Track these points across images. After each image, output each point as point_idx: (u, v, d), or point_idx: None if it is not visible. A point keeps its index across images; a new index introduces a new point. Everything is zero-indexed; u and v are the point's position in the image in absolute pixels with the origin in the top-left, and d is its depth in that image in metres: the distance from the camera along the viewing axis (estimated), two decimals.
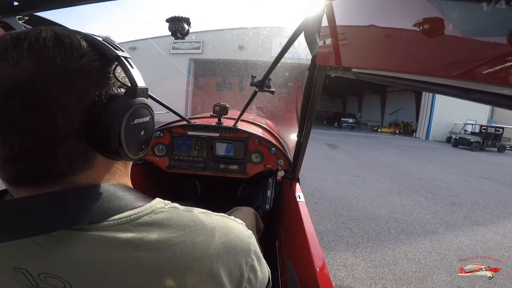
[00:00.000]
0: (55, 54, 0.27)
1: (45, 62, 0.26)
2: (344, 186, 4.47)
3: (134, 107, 0.32)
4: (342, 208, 3.48)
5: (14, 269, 0.28)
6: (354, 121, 17.99)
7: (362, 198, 3.96)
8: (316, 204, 3.57)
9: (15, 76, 0.25)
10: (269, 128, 1.77)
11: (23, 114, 0.25)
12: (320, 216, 3.18)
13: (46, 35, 0.27)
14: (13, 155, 0.27)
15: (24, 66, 0.25)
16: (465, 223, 3.36)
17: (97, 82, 0.30)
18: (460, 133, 13.29)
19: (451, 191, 4.69)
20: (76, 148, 0.29)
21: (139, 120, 0.34)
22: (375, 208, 3.59)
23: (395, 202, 3.90)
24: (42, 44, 0.26)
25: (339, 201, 3.76)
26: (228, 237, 0.35)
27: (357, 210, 3.48)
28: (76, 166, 0.30)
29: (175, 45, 12.35)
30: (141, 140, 0.35)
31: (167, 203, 0.35)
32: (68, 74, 0.27)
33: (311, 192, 4.00)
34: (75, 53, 0.28)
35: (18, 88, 0.25)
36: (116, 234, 0.29)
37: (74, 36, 0.29)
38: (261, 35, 11.11)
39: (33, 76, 0.25)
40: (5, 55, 0.25)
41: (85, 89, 0.28)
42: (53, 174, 0.29)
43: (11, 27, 0.56)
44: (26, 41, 0.26)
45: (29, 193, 0.28)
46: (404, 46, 0.33)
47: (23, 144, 0.26)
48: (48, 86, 0.26)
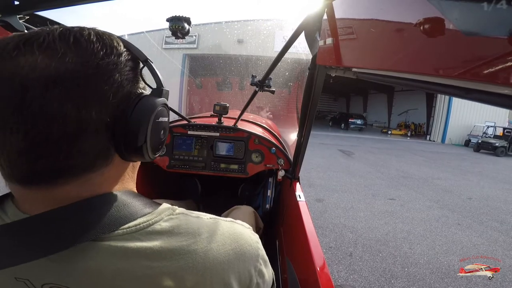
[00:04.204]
0: (98, 49, 0.28)
1: (90, 56, 0.27)
2: (382, 218, 3.33)
3: (160, 107, 0.34)
4: (393, 262, 2.35)
5: (16, 279, 0.28)
6: (363, 123, 17.24)
7: (414, 238, 2.85)
8: (351, 257, 2.37)
9: (59, 66, 0.25)
10: (269, 128, 1.78)
11: (61, 103, 0.25)
12: (365, 282, 2.05)
13: (90, 32, 0.29)
14: (32, 148, 0.25)
15: (70, 57, 0.26)
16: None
17: (129, 81, 0.31)
18: (482, 136, 12.23)
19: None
20: (101, 143, 0.29)
21: (162, 119, 0.35)
22: (439, 255, 2.52)
23: (462, 241, 2.88)
24: (87, 39, 0.28)
25: (384, 247, 2.60)
26: (238, 243, 0.35)
27: (416, 262, 2.36)
28: (96, 163, 0.30)
29: (168, 40, 11.25)
30: (160, 140, 0.36)
31: (175, 209, 0.34)
32: (109, 69, 0.28)
33: (340, 233, 2.82)
34: (114, 50, 0.30)
35: (62, 78, 0.25)
36: (125, 244, 0.28)
37: (112, 36, 0.31)
38: (262, 28, 10.57)
39: (77, 67, 0.26)
40: (52, 45, 0.26)
41: (120, 85, 0.30)
42: (73, 170, 0.28)
43: (12, 27, 0.56)
44: (72, 35, 0.27)
45: (40, 193, 0.28)
46: (404, 46, 0.33)
47: (51, 135, 0.25)
48: (90, 78, 0.27)
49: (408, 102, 18.74)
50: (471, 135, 13.49)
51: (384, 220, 3.28)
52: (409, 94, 18.44)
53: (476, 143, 11.86)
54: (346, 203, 3.78)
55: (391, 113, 20.92)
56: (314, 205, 3.59)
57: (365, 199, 4.01)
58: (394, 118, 20.52)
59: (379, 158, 7.87)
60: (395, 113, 20.37)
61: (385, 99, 21.19)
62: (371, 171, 6.03)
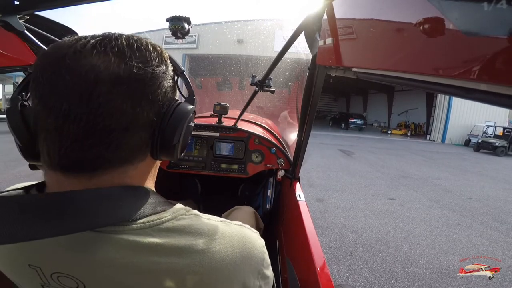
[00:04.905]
0: (153, 58, 0.32)
1: (148, 62, 0.31)
2: (382, 218, 3.32)
3: (192, 113, 0.38)
4: (393, 262, 2.34)
5: (29, 266, 0.29)
6: (363, 122, 17.26)
7: (414, 238, 2.85)
8: (351, 257, 2.37)
9: (126, 68, 0.29)
10: (269, 128, 1.78)
11: (123, 100, 0.28)
12: (366, 282, 2.05)
13: (146, 42, 0.33)
14: (89, 137, 0.28)
15: (135, 61, 0.30)
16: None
17: (171, 88, 0.36)
18: (482, 136, 12.26)
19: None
20: (144, 139, 0.32)
21: (192, 124, 0.40)
22: (440, 255, 2.53)
23: (462, 241, 2.89)
24: (145, 47, 0.32)
25: (384, 247, 2.59)
26: (245, 246, 0.36)
27: (416, 262, 2.37)
28: (136, 156, 0.32)
29: (168, 40, 11.33)
30: (188, 141, 0.41)
31: (188, 210, 0.36)
32: (161, 76, 0.33)
33: (340, 233, 2.81)
34: (164, 60, 0.34)
35: (127, 78, 0.29)
36: (137, 238, 0.29)
37: (161, 48, 0.35)
38: (262, 28, 10.55)
39: (140, 71, 0.30)
40: (122, 49, 0.30)
41: (167, 90, 0.34)
42: (116, 160, 0.31)
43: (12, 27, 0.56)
44: (134, 42, 0.31)
45: (77, 180, 0.29)
46: (405, 46, 0.33)
47: (108, 127, 0.28)
48: (148, 81, 0.31)
49: (408, 102, 18.70)
50: (471, 135, 13.46)
51: (384, 220, 3.28)
52: (409, 94, 18.39)
53: (476, 142, 11.84)
54: (346, 203, 3.77)
55: (391, 113, 20.88)
56: (314, 205, 3.59)
57: (365, 199, 4.00)
58: (394, 118, 20.47)
59: (379, 158, 7.85)
60: (395, 113, 20.33)
61: (385, 99, 21.16)
62: (371, 171, 6.01)
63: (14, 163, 4.47)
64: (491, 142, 11.21)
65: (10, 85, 16.03)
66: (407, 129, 17.30)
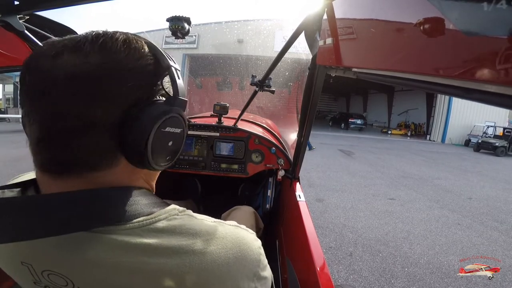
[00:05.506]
0: (119, 52, 0.30)
1: (108, 57, 0.29)
2: (382, 218, 3.32)
3: (170, 115, 0.33)
4: (393, 262, 2.34)
5: (21, 263, 0.30)
6: (363, 122, 17.27)
7: (414, 238, 2.85)
8: (351, 257, 2.37)
9: (82, 65, 0.28)
10: (269, 128, 1.78)
11: (74, 99, 0.27)
12: (365, 282, 2.05)
13: (119, 37, 0.31)
14: (46, 138, 0.28)
15: (92, 58, 0.28)
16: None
17: (145, 85, 0.32)
18: (482, 136, 12.24)
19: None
20: (106, 143, 0.30)
21: (171, 130, 0.35)
22: (439, 255, 2.53)
23: (462, 241, 2.89)
24: (114, 42, 0.30)
25: (384, 247, 2.59)
26: (239, 248, 0.35)
27: (416, 262, 2.37)
28: (101, 162, 0.31)
29: (167, 39, 11.36)
30: (167, 150, 0.35)
31: (182, 210, 0.35)
32: (123, 72, 0.30)
33: (340, 233, 2.81)
34: (136, 54, 0.31)
35: (79, 76, 0.27)
36: (126, 239, 0.29)
37: (140, 41, 0.33)
38: (262, 28, 10.56)
39: (93, 67, 0.28)
40: (82, 47, 0.29)
41: (132, 88, 0.30)
42: (79, 165, 0.30)
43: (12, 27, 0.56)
44: (101, 39, 0.30)
45: (55, 182, 0.30)
46: (405, 46, 0.33)
47: (61, 128, 0.28)
48: (101, 78, 0.28)
49: (408, 102, 18.69)
50: (471, 135, 13.45)
51: (384, 220, 3.27)
52: (409, 94, 18.38)
53: (476, 143, 11.83)
54: (346, 203, 3.76)
55: (391, 113, 20.87)
56: (314, 205, 3.58)
57: (365, 199, 4.00)
58: (394, 118, 20.46)
59: (379, 158, 7.84)
60: (395, 113, 20.32)
61: (385, 99, 21.15)
62: (371, 171, 6.00)
63: (14, 163, 4.47)
64: (491, 142, 11.21)
65: (10, 85, 16.02)
66: (407, 129, 17.30)
